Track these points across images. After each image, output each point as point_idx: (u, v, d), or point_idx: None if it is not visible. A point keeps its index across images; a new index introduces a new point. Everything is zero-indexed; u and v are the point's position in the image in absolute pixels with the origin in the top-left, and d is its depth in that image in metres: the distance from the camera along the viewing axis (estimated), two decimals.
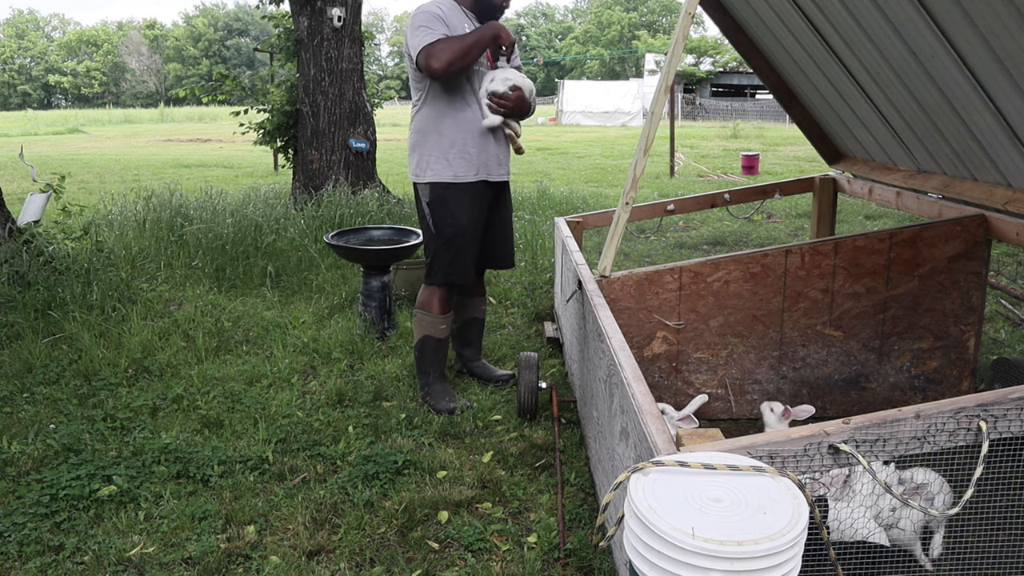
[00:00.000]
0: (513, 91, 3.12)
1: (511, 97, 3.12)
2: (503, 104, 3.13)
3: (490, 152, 3.23)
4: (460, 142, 3.18)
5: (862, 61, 3.30)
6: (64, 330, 4.11)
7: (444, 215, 3.22)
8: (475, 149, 3.19)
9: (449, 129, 3.18)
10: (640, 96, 32.45)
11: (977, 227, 3.15)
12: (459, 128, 3.17)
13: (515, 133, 3.26)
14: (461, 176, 3.20)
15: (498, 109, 3.14)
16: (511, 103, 3.13)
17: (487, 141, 3.21)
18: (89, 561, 2.32)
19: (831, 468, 1.57)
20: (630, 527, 1.31)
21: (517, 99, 3.14)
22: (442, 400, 3.32)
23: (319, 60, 7.49)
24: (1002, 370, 3.20)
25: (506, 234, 3.48)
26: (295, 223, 6.18)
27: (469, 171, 3.20)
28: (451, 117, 3.17)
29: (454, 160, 3.19)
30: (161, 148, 19.80)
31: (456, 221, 3.22)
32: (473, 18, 3.21)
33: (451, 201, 3.21)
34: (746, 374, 3.23)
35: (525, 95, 3.16)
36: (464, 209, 3.22)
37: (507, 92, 3.12)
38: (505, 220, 3.47)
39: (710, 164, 14.06)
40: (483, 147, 3.21)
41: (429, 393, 3.37)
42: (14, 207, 5.81)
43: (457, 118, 3.17)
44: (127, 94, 72.14)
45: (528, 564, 2.29)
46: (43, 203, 5.30)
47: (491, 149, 3.23)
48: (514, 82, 3.11)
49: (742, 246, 6.70)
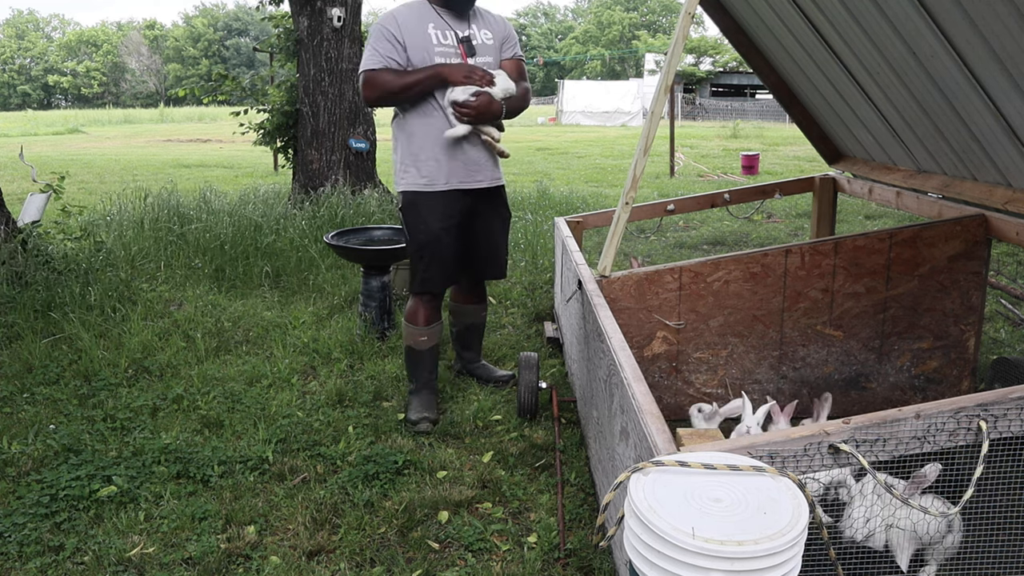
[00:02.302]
0: (476, 97, 2.97)
1: (472, 104, 2.97)
2: (465, 113, 2.99)
3: (461, 159, 3.11)
4: (429, 149, 3.08)
5: (862, 61, 3.30)
6: (64, 330, 4.11)
7: (416, 222, 3.15)
8: (445, 156, 3.09)
9: (418, 136, 3.09)
10: (640, 96, 32.44)
11: (977, 227, 3.15)
12: (428, 135, 3.07)
13: (492, 138, 3.12)
14: (431, 184, 3.11)
15: (461, 118, 3.01)
16: (472, 111, 2.98)
17: (457, 148, 3.10)
18: (89, 561, 2.32)
19: (831, 467, 1.58)
20: (630, 527, 1.31)
21: (480, 105, 2.98)
22: (411, 410, 3.27)
23: (319, 60, 7.49)
24: (1002, 370, 3.20)
25: (493, 243, 3.35)
26: (295, 223, 6.18)
27: (439, 178, 3.10)
28: (420, 124, 3.08)
29: (423, 167, 3.10)
30: (161, 148, 19.80)
31: (428, 228, 3.13)
32: (445, 15, 3.08)
33: (422, 208, 3.13)
34: (746, 374, 3.23)
35: (493, 98, 3.00)
36: (436, 217, 3.12)
37: (468, 100, 2.97)
38: (493, 229, 3.33)
39: (710, 164, 14.07)
40: (453, 154, 3.10)
41: (407, 400, 3.37)
42: (14, 207, 5.80)
43: (426, 124, 3.07)
44: (127, 94, 72.14)
45: (528, 564, 2.29)
46: (43, 203, 5.30)
47: (462, 156, 3.11)
48: (476, 88, 2.97)
49: (742, 246, 6.70)
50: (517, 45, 3.25)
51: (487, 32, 3.16)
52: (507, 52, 3.20)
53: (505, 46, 3.21)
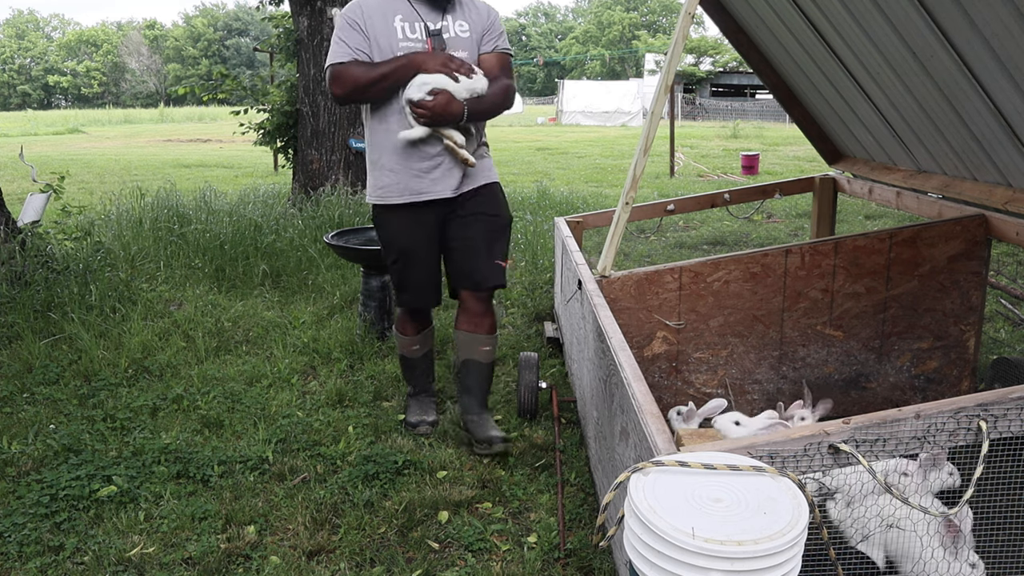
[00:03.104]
0: (433, 95, 2.66)
1: (427, 104, 2.66)
2: (420, 114, 2.68)
3: (417, 168, 2.79)
4: (384, 158, 2.82)
5: (862, 61, 3.30)
6: (64, 330, 4.11)
7: (384, 237, 2.96)
8: (400, 165, 2.80)
9: (376, 144, 2.84)
10: (640, 96, 32.44)
11: (977, 227, 3.15)
12: (383, 142, 2.81)
13: (454, 143, 2.77)
14: (387, 197, 2.85)
15: (418, 119, 2.72)
16: (428, 111, 2.66)
17: (410, 156, 2.78)
18: (89, 561, 2.32)
19: (832, 467, 1.58)
20: (630, 527, 1.31)
21: (436, 106, 2.66)
22: (410, 413, 3.24)
23: (319, 60, 7.49)
24: (1002, 370, 3.20)
25: (472, 249, 2.93)
26: (294, 223, 6.18)
27: (393, 191, 2.83)
28: (377, 130, 2.82)
29: (381, 177, 2.85)
30: (161, 148, 19.80)
31: (393, 245, 2.92)
32: (418, 4, 2.78)
33: (385, 224, 2.92)
34: (746, 374, 3.23)
35: (453, 98, 2.68)
36: (400, 231, 2.89)
37: (424, 99, 2.66)
38: (470, 235, 2.92)
39: (710, 164, 14.07)
40: (407, 162, 2.79)
41: (407, 404, 3.34)
42: (14, 207, 5.80)
43: (382, 131, 2.81)
44: (127, 94, 72.14)
45: (528, 564, 2.29)
46: (43, 203, 5.30)
47: (418, 164, 2.79)
48: (433, 85, 2.66)
49: (742, 246, 6.70)
50: (501, 37, 2.88)
51: (463, 24, 2.82)
52: (486, 45, 2.85)
53: (485, 38, 2.85)
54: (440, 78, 2.68)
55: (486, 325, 3.02)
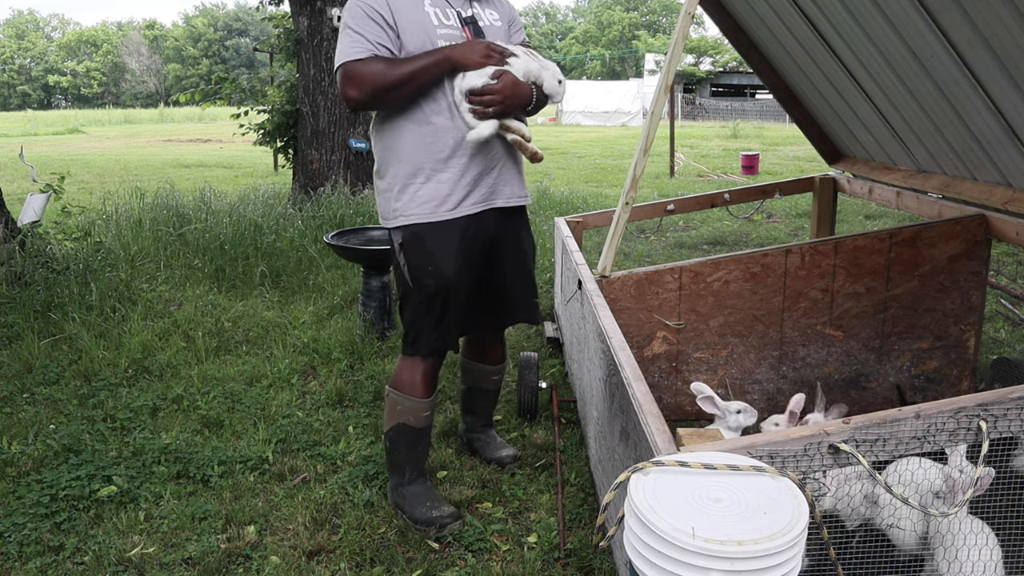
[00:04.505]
0: (496, 78, 2.23)
1: (496, 89, 2.22)
2: (489, 102, 2.23)
3: (482, 170, 2.36)
4: (429, 166, 2.31)
5: (862, 61, 3.30)
6: (64, 330, 4.11)
7: (422, 264, 2.35)
8: (454, 171, 2.32)
9: (412, 150, 2.31)
10: (640, 96, 32.45)
11: (977, 227, 3.15)
12: (426, 147, 2.30)
13: (522, 136, 2.33)
14: (439, 212, 2.33)
15: (484, 111, 2.25)
16: (499, 96, 2.23)
17: (478, 156, 2.33)
18: (89, 561, 2.32)
19: (831, 467, 1.58)
20: (630, 527, 1.31)
21: (505, 88, 2.23)
22: (420, 507, 2.47)
23: (319, 60, 7.49)
24: (1002, 370, 3.20)
25: (524, 276, 2.57)
26: (295, 223, 6.18)
27: (449, 202, 2.33)
28: (411, 133, 2.31)
29: (423, 191, 2.32)
30: (161, 148, 19.80)
31: (440, 271, 2.34)
32: None
33: (432, 244, 2.34)
34: (746, 374, 3.23)
35: (518, 79, 2.27)
36: (451, 253, 2.34)
37: (488, 84, 2.22)
38: (521, 260, 2.55)
39: (710, 164, 14.07)
40: (470, 165, 2.33)
41: (403, 496, 2.52)
42: (14, 207, 5.80)
43: (419, 134, 2.31)
44: (127, 94, 72.14)
45: (528, 564, 2.29)
46: (43, 203, 5.29)
47: (483, 165, 2.36)
48: (494, 68, 2.26)
49: (742, 246, 6.70)
50: (523, 30, 2.57)
51: (493, 12, 2.46)
52: (515, 37, 2.51)
53: (512, 29, 2.51)
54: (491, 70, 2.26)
55: (498, 355, 2.78)
